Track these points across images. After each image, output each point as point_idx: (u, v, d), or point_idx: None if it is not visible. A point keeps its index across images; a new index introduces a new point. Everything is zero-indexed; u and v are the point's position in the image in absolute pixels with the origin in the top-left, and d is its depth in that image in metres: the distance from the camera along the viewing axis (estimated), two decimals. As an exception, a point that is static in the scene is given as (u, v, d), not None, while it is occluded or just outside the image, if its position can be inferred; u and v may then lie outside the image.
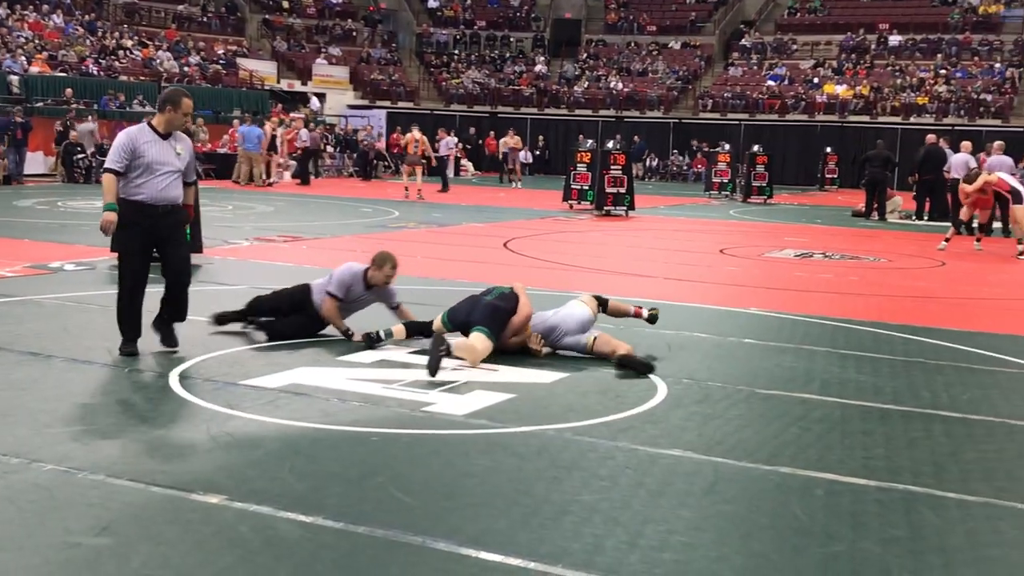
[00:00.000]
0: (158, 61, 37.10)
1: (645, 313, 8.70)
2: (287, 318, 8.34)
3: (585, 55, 48.95)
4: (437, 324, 7.94)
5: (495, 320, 7.78)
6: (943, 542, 4.52)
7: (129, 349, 7.45)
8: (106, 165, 7.45)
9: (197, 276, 11.62)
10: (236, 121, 31.53)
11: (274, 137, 30.86)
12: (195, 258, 12.49)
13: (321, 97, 43.01)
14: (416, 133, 27.64)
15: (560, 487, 5.01)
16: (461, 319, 7.90)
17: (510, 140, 33.84)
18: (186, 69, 37.70)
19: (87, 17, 38.56)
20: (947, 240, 17.20)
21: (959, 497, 5.09)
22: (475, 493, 4.90)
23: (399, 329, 8.12)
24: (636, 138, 41.80)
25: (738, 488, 5.12)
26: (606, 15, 51.14)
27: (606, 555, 4.22)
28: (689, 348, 8.50)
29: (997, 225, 19.68)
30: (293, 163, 32.62)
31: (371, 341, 7.95)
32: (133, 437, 5.57)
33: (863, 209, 24.88)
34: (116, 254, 7.84)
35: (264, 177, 28.65)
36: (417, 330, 8.13)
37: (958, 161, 20.68)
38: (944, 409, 6.83)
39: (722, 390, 7.13)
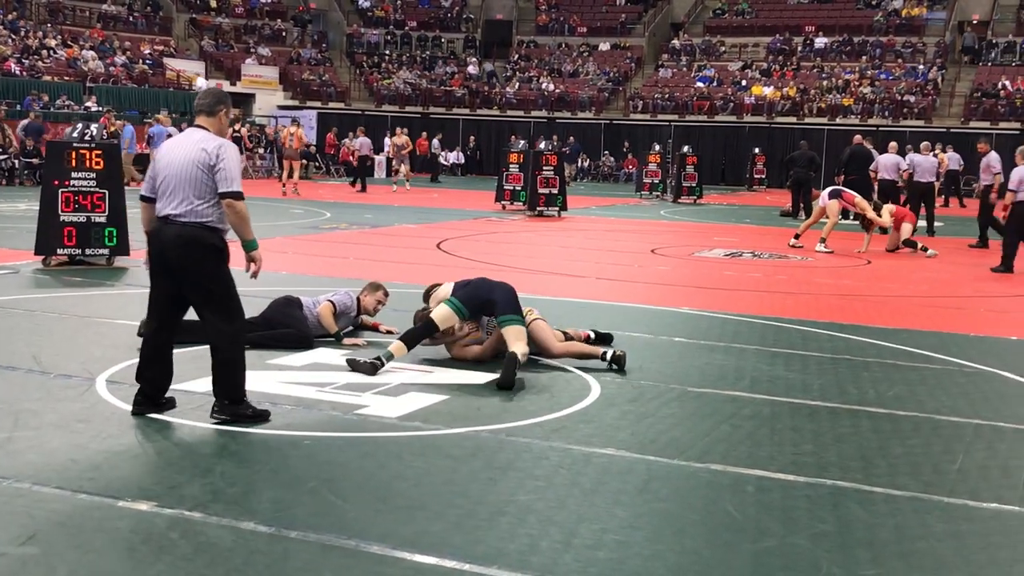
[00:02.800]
0: (83, 61, 36.45)
1: (609, 355, 7.80)
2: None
3: (516, 56, 49.05)
4: (446, 312, 7.43)
5: (518, 305, 7.57)
6: (872, 536, 4.59)
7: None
8: (238, 189, 5.93)
9: (125, 280, 11.48)
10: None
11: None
12: (122, 261, 12.34)
13: (251, 98, 42.59)
14: (292, 127, 27.66)
15: (495, 488, 5.01)
16: (482, 299, 7.50)
17: (398, 139, 30.91)
18: (111, 69, 37.09)
19: (9, 16, 37.76)
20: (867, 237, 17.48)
21: (887, 492, 5.18)
22: (409, 495, 4.88)
23: (398, 347, 7.39)
24: (571, 139, 42.03)
25: (671, 486, 5.16)
26: (537, 16, 51.29)
27: (541, 555, 4.23)
28: (621, 347, 8.53)
29: (923, 224, 20.07)
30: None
31: (375, 369, 7.19)
32: (59, 444, 5.46)
33: (790, 209, 25.27)
34: (228, 297, 6.01)
35: None
36: (415, 339, 7.45)
37: (888, 162, 21.03)
38: (871, 405, 6.95)
39: (654, 388, 7.18)
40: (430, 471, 5.24)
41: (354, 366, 7.27)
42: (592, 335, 8.46)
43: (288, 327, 8.15)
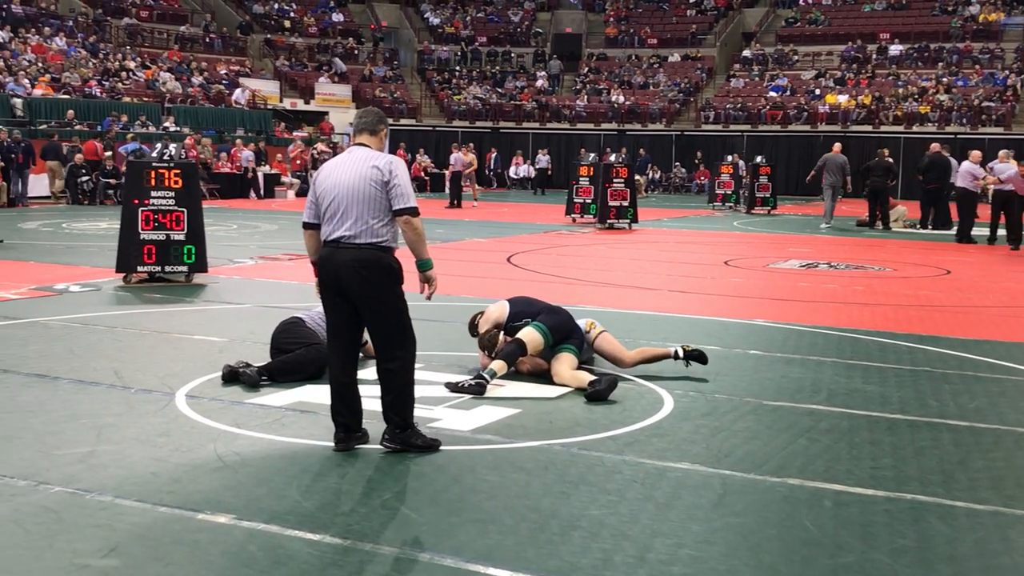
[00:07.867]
0: (161, 82, 37.24)
1: (681, 352, 7.90)
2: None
3: (586, 69, 49.06)
4: (537, 337, 7.46)
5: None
6: (952, 551, 4.50)
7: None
8: (415, 204, 5.77)
9: (203, 296, 11.67)
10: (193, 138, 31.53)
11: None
12: (201, 278, 12.56)
13: (324, 116, 43.16)
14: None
15: (568, 502, 5.00)
16: (567, 330, 7.67)
17: (465, 156, 30.70)
18: (189, 90, 37.82)
19: (90, 39, 38.73)
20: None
21: (968, 506, 5.08)
22: (482, 509, 4.89)
23: (500, 364, 7.27)
24: (641, 151, 41.91)
25: (746, 500, 5.11)
26: (606, 29, 51.28)
27: (615, 570, 4.21)
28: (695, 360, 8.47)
29: (1001, 232, 19.67)
30: (297, 181, 32.91)
31: (482, 388, 7.07)
32: (140, 457, 5.57)
33: (867, 219, 24.93)
34: (403, 321, 5.78)
35: None
36: (511, 357, 7.39)
37: (964, 170, 20.69)
38: (951, 418, 6.82)
39: (729, 402, 7.12)
40: (503, 484, 5.25)
41: (457, 388, 7.08)
42: (680, 352, 7.94)
43: (305, 348, 7.45)
